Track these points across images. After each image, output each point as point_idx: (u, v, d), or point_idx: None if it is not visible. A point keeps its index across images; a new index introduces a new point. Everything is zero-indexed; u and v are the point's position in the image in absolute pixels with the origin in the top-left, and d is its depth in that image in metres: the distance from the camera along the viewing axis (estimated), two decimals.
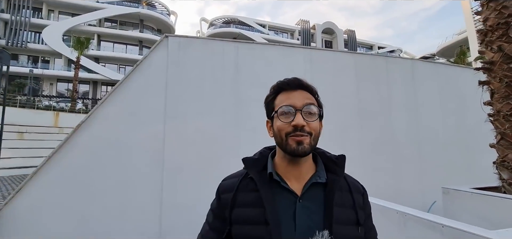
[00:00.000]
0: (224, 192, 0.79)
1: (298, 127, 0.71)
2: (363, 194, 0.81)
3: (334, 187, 0.74)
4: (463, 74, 5.78)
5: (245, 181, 0.77)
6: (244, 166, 0.80)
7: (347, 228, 0.71)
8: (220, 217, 0.77)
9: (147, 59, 4.24)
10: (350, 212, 0.74)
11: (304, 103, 0.73)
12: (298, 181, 0.75)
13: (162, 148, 4.14)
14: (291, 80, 0.78)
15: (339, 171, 0.78)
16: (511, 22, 3.23)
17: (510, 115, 3.10)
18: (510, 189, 3.00)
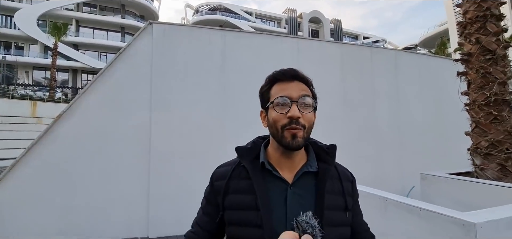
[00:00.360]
0: (217, 179, 0.81)
1: (294, 119, 0.71)
2: (352, 181, 0.84)
3: (326, 176, 0.76)
4: (443, 65, 6.00)
5: (238, 169, 0.78)
6: (237, 155, 0.81)
7: (336, 213, 0.74)
8: (213, 203, 0.80)
9: (131, 47, 4.11)
10: (339, 199, 0.77)
11: (300, 94, 0.73)
12: (290, 170, 0.76)
13: (149, 138, 4.08)
14: (287, 71, 0.77)
15: (330, 160, 0.80)
16: (489, 15, 3.38)
17: (485, 105, 3.27)
18: (482, 174, 3.20)
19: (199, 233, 0.82)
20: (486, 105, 3.25)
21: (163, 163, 4.09)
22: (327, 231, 0.69)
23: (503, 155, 3.08)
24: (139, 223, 4.00)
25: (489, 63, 3.29)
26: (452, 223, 1.57)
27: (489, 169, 3.13)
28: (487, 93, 3.24)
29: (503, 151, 3.09)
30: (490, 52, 3.30)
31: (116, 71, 4.04)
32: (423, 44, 27.97)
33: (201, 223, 0.83)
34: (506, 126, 3.14)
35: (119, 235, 3.91)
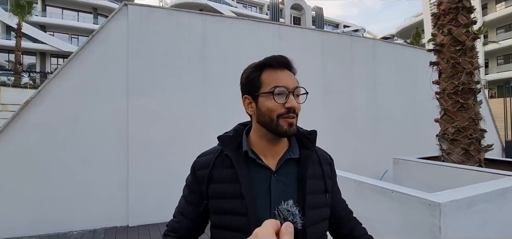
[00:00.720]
0: (200, 168, 0.80)
1: (292, 109, 0.73)
2: (330, 164, 0.88)
3: (308, 162, 0.78)
4: (417, 55, 6.27)
5: (220, 158, 0.78)
6: (219, 144, 0.80)
7: (317, 196, 0.77)
8: (197, 191, 0.79)
9: (104, 30, 3.89)
10: (320, 182, 0.80)
11: (295, 85, 0.75)
12: (273, 158, 0.77)
13: (126, 125, 3.95)
14: (280, 58, 0.76)
15: (311, 146, 0.82)
16: (461, 8, 3.54)
17: (453, 93, 3.48)
18: (448, 158, 3.44)
19: (182, 222, 0.82)
20: (454, 94, 3.45)
21: (142, 151, 3.99)
22: (309, 214, 0.72)
23: (467, 140, 3.32)
24: (119, 212, 3.92)
25: (458, 54, 3.48)
26: (420, 203, 1.69)
27: (455, 153, 3.37)
28: (455, 83, 3.44)
29: (467, 136, 3.33)
30: (460, 43, 3.49)
31: (89, 55, 3.82)
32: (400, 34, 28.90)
33: (184, 212, 0.82)
34: (471, 113, 3.37)
35: (98, 225, 3.82)
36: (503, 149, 7.00)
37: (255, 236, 0.39)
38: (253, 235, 0.39)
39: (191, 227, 0.82)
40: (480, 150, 3.35)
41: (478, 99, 3.49)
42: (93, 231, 3.73)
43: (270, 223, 0.42)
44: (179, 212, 0.84)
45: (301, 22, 30.45)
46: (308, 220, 0.71)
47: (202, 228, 0.84)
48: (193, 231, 0.82)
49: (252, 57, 0.81)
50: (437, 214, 1.58)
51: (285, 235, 0.41)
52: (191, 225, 0.81)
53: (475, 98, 3.46)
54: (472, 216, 1.72)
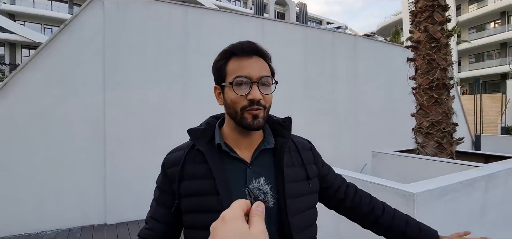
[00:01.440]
0: (170, 166, 0.74)
1: (255, 101, 0.67)
2: (311, 149, 0.84)
3: (283, 150, 0.74)
4: (396, 52, 6.47)
5: (191, 153, 0.73)
6: (190, 138, 0.75)
7: (298, 184, 0.74)
8: (168, 191, 0.74)
9: (78, 19, 3.69)
10: (299, 170, 0.76)
11: (260, 74, 0.68)
12: (248, 149, 0.73)
13: (103, 119, 3.79)
14: (245, 45, 0.71)
15: (286, 133, 0.78)
16: (436, 5, 3.67)
17: (428, 89, 3.62)
18: (423, 150, 3.59)
19: (155, 228, 0.75)
20: (429, 89, 3.59)
21: (120, 146, 3.85)
22: (290, 203, 0.69)
23: (440, 134, 3.48)
24: (96, 209, 3.77)
25: (433, 51, 3.62)
26: (395, 194, 1.74)
27: (429, 146, 3.52)
28: (430, 78, 3.58)
29: (440, 130, 3.48)
30: (435, 41, 3.63)
31: (62, 46, 3.61)
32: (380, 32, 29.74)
33: (156, 216, 0.76)
34: (444, 108, 3.53)
35: (73, 224, 3.66)
36: (472, 142, 7.42)
37: (222, 219, 0.36)
38: (220, 218, 0.36)
39: (166, 232, 0.75)
40: (452, 142, 3.52)
41: (451, 95, 3.66)
42: (68, 230, 3.57)
43: (239, 203, 0.39)
44: (151, 217, 0.77)
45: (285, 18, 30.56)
46: (290, 209, 0.69)
47: (178, 231, 0.77)
48: (168, 236, 0.76)
49: None
50: (412, 204, 1.64)
51: (255, 215, 0.38)
52: (165, 230, 0.75)
53: (449, 94, 3.62)
54: (443, 205, 1.80)
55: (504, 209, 2.33)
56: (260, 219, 0.38)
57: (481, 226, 2.09)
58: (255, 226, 0.36)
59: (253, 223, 0.37)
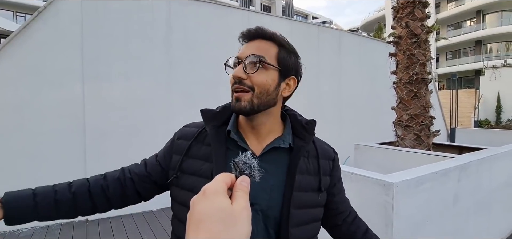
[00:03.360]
0: (180, 137, 0.74)
1: (235, 79, 0.64)
2: (333, 160, 0.78)
3: (299, 154, 0.69)
4: (378, 47, 6.63)
5: (203, 133, 0.71)
6: (202, 118, 0.73)
7: (307, 194, 0.69)
8: (167, 158, 0.74)
9: (52, 6, 3.50)
10: (313, 179, 0.71)
11: (250, 53, 0.64)
12: (258, 141, 0.69)
13: (82, 113, 3.65)
14: (251, 30, 0.69)
15: (307, 137, 0.72)
16: (417, 2, 3.78)
17: (408, 83, 3.75)
18: (402, 142, 3.73)
19: (140, 168, 0.76)
20: (409, 84, 3.73)
21: (101, 140, 3.73)
22: (294, 213, 0.65)
23: (418, 127, 3.62)
24: None
25: (414, 46, 3.75)
26: (376, 184, 1.81)
27: (408, 138, 3.67)
28: (410, 73, 3.70)
29: (419, 123, 3.63)
30: (416, 36, 3.75)
31: (36, 34, 3.42)
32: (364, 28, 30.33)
33: (148, 162, 0.77)
34: (422, 101, 3.68)
35: (53, 221, 3.52)
36: (448, 134, 7.80)
37: (203, 193, 0.33)
38: (201, 191, 0.34)
39: (142, 181, 0.74)
40: (429, 135, 3.69)
41: (429, 89, 3.81)
42: (46, 228, 3.44)
43: (222, 176, 0.37)
44: (144, 160, 0.78)
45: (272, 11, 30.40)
46: (292, 220, 0.65)
47: (148, 193, 0.76)
48: (141, 187, 0.74)
49: (220, 43, 0.76)
50: (391, 193, 1.71)
51: (239, 190, 0.36)
52: (144, 179, 0.74)
53: (427, 88, 3.77)
54: (420, 193, 1.89)
55: (475, 197, 2.48)
56: (244, 194, 0.35)
57: (454, 213, 2.21)
58: (238, 202, 0.34)
59: (236, 198, 0.34)
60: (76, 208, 0.70)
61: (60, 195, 0.68)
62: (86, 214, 0.73)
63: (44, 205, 0.66)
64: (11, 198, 0.63)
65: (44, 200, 0.66)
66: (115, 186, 0.74)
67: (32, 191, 0.67)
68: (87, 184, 0.73)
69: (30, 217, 0.64)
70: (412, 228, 1.83)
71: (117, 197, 0.74)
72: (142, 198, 0.77)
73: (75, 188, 0.71)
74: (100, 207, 0.73)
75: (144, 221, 3.65)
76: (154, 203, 2.44)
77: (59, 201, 0.67)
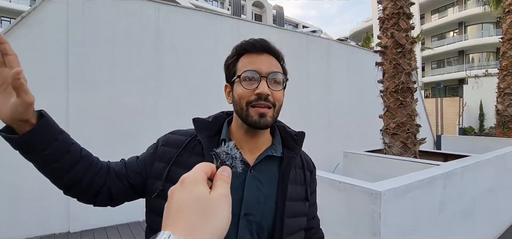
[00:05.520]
0: (166, 144, 0.71)
1: (262, 96, 0.64)
2: (311, 171, 0.81)
3: (291, 165, 0.71)
4: (366, 57, 6.77)
5: (193, 142, 0.70)
6: (194, 127, 0.71)
7: (297, 204, 0.71)
8: (147, 163, 0.70)
9: (36, 13, 3.41)
10: (301, 189, 0.73)
11: (270, 70, 0.66)
12: (251, 152, 0.70)
13: (66, 121, 3.54)
14: (258, 42, 0.68)
15: (297, 148, 0.75)
16: (402, 13, 3.90)
17: (394, 92, 3.83)
18: (389, 150, 3.79)
19: (119, 167, 0.71)
20: (395, 92, 3.81)
21: (86, 148, 3.61)
22: (288, 223, 0.66)
23: (405, 134, 3.69)
24: (58, 217, 3.50)
25: (399, 56, 3.84)
26: (363, 192, 1.81)
27: (395, 146, 3.72)
28: (396, 82, 3.79)
29: (405, 131, 3.70)
30: (401, 46, 3.85)
31: (19, 39, 3.32)
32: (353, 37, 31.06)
33: (128, 163, 0.73)
34: (408, 110, 3.76)
35: (32, 233, 3.36)
36: (434, 142, 7.98)
37: (181, 182, 0.33)
38: (179, 181, 0.33)
39: (120, 180, 0.69)
40: (415, 143, 3.75)
41: (415, 98, 3.90)
42: None
43: (201, 166, 0.36)
44: (123, 160, 0.74)
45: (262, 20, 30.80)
46: (286, 229, 0.65)
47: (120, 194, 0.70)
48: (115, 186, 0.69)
49: (210, 51, 0.74)
50: (378, 202, 1.71)
51: (219, 179, 0.35)
52: (121, 178, 0.69)
53: (412, 97, 3.86)
54: (407, 201, 1.90)
55: (460, 204, 2.52)
56: (224, 183, 0.35)
57: (440, 220, 2.24)
58: (217, 190, 0.33)
59: (215, 187, 0.34)
60: (73, 168, 0.66)
61: (74, 147, 0.67)
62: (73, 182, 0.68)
63: (62, 143, 0.64)
64: (48, 116, 0.63)
65: (64, 140, 0.65)
66: (101, 175, 0.69)
67: (60, 127, 0.66)
68: (92, 156, 0.72)
69: (47, 144, 0.61)
70: (399, 236, 1.83)
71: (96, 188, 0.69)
72: (112, 200, 0.71)
73: (84, 153, 0.70)
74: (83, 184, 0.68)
75: (130, 234, 3.53)
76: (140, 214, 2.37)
77: (71, 151, 0.66)
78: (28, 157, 0.62)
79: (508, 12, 7.59)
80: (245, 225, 0.64)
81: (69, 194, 0.69)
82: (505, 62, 7.72)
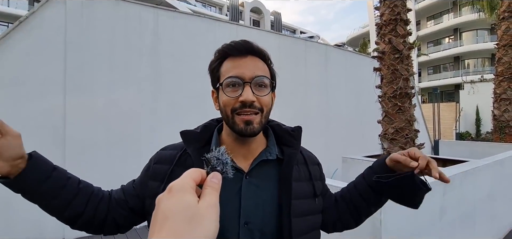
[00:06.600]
0: (158, 162, 0.68)
1: (247, 103, 0.61)
2: (318, 164, 0.79)
3: (292, 162, 0.68)
4: (363, 62, 6.81)
5: (184, 156, 0.67)
6: (182, 140, 0.69)
7: (304, 202, 0.67)
8: (143, 183, 0.69)
9: (35, 17, 3.40)
10: (306, 185, 0.70)
11: (254, 74, 0.62)
12: (246, 158, 0.67)
13: (63, 125, 3.50)
14: (240, 44, 0.65)
15: (296, 144, 0.72)
16: (399, 19, 3.93)
17: (393, 97, 3.84)
18: None
19: (119, 194, 0.71)
20: (394, 98, 3.82)
21: (82, 153, 3.57)
22: (295, 222, 0.63)
23: (404, 140, 3.69)
24: (53, 222, 3.40)
25: (397, 61, 3.86)
26: None
27: (393, 151, 3.72)
28: (394, 87, 3.80)
29: (404, 136, 3.70)
30: (398, 52, 3.87)
31: (17, 44, 3.30)
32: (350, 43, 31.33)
33: (125, 188, 0.73)
34: (407, 115, 3.76)
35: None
36: (432, 147, 8.01)
37: (168, 190, 0.32)
38: (167, 189, 0.33)
39: (120, 207, 0.69)
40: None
41: (412, 103, 3.91)
42: None
43: (190, 173, 0.35)
44: (122, 186, 0.74)
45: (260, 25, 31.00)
46: (294, 230, 0.62)
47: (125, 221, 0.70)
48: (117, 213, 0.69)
49: (209, 57, 0.73)
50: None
51: (208, 187, 0.34)
52: (122, 204, 0.69)
53: (410, 102, 3.87)
54: (406, 209, 1.88)
55: (461, 209, 2.51)
56: (213, 191, 0.34)
57: (441, 226, 2.22)
58: (205, 199, 0.32)
59: (204, 195, 0.33)
60: (72, 201, 0.66)
61: (70, 181, 0.66)
62: (75, 215, 0.67)
63: (57, 179, 0.64)
64: (38, 155, 0.64)
65: (58, 176, 0.65)
66: (103, 205, 0.69)
67: (53, 164, 0.66)
68: (92, 187, 0.71)
69: (40, 183, 0.61)
70: None
71: (100, 218, 0.69)
72: (120, 228, 0.71)
73: (82, 185, 0.69)
74: (86, 216, 0.67)
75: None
76: None
77: (67, 185, 0.65)
78: (27, 197, 0.62)
79: (503, 19, 7.70)
80: (246, 234, 0.61)
81: (75, 227, 0.69)
82: (500, 68, 7.80)
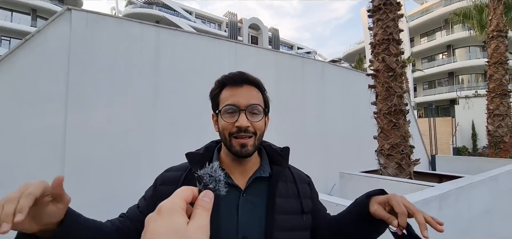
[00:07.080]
0: (163, 183, 0.74)
1: (242, 128, 0.69)
2: (309, 183, 0.85)
3: (278, 179, 0.74)
4: (359, 78, 6.96)
5: (189, 176, 0.73)
6: (188, 162, 0.75)
7: (290, 217, 0.72)
8: (150, 205, 0.72)
9: (41, 34, 3.50)
10: (294, 202, 0.75)
11: (249, 102, 0.71)
12: (242, 176, 0.74)
13: (63, 141, 3.53)
14: (236, 75, 0.74)
15: (283, 162, 0.79)
16: (391, 39, 4.08)
17: (388, 113, 3.94)
18: (385, 171, 3.83)
19: (125, 223, 0.72)
20: (388, 114, 3.91)
21: (81, 169, 3.58)
22: (277, 235, 0.67)
23: (399, 155, 3.75)
24: None
25: (391, 79, 3.98)
26: None
27: (390, 167, 3.77)
28: (389, 104, 3.90)
29: (399, 152, 3.76)
30: (392, 70, 4.00)
31: (21, 60, 3.37)
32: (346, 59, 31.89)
33: (131, 214, 0.75)
34: (402, 131, 3.84)
35: None
36: (429, 162, 8.06)
37: (158, 211, 0.31)
38: (157, 209, 0.31)
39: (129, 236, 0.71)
40: (410, 163, 3.81)
41: (407, 119, 4.00)
42: None
43: (181, 192, 0.34)
44: (126, 213, 0.77)
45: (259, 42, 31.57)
46: None
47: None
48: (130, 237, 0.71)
49: (208, 74, 0.81)
50: None
51: (199, 207, 0.33)
52: (129, 233, 0.71)
53: (405, 119, 3.96)
54: None
55: (456, 226, 2.54)
56: (204, 211, 0.33)
57: None
58: (195, 221, 0.31)
59: (194, 216, 0.32)
60: None
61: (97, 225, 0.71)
62: None
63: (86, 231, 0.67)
64: (71, 220, 0.66)
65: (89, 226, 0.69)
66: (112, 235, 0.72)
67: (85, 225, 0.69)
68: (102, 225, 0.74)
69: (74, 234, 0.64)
70: None
71: None
72: None
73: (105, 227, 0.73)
74: None
75: None
76: None
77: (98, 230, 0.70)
78: None
79: (492, 38, 7.96)
80: None
81: None
82: (492, 85, 8.00)
